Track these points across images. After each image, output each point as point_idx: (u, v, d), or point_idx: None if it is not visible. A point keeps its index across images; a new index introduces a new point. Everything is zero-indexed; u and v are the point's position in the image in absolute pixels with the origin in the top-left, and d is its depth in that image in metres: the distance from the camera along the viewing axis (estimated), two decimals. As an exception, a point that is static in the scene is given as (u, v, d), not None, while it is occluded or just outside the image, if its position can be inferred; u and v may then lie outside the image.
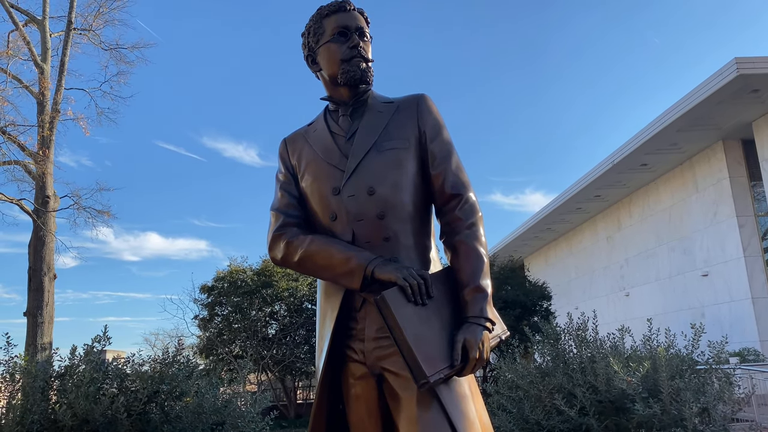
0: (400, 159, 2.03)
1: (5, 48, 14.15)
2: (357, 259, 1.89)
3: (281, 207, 2.13)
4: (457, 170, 2.05)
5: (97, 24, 15.63)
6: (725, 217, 15.35)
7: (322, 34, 2.15)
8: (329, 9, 2.15)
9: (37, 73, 14.04)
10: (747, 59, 11.70)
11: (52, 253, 12.99)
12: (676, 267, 17.60)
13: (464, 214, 1.98)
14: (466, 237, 1.95)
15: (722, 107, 13.19)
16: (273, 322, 14.66)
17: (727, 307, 15.41)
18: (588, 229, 23.37)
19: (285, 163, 2.21)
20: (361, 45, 2.11)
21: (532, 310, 13.23)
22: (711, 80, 12.41)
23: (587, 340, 5.86)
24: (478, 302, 1.84)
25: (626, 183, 18.57)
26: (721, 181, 15.49)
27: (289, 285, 14.41)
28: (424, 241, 2.06)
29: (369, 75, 2.13)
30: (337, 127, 2.14)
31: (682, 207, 17.23)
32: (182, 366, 5.69)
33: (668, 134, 14.54)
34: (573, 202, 20.48)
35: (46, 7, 14.67)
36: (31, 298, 12.52)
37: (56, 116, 13.72)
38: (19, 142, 13.03)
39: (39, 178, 13.14)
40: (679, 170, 17.23)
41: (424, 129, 2.08)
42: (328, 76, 2.15)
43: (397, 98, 2.19)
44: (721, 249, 15.54)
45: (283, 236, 2.06)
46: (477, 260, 1.91)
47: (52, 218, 13.21)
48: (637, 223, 19.71)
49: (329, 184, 2.04)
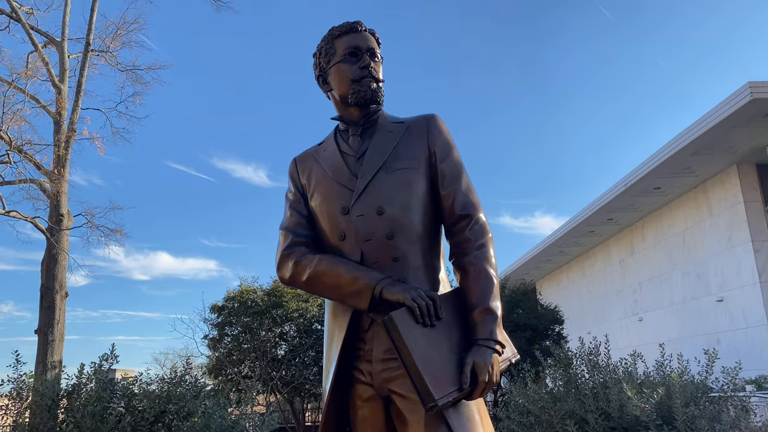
0: (409, 179, 2.02)
1: (24, 69, 14.40)
2: (365, 280, 1.87)
3: (290, 226, 2.12)
4: (467, 190, 2.04)
5: (115, 46, 15.89)
6: (740, 241, 15.17)
7: (333, 55, 2.16)
8: (340, 30, 2.16)
9: (54, 93, 14.26)
10: (760, 83, 11.65)
11: (64, 271, 13.06)
12: (690, 292, 17.37)
13: (474, 234, 1.97)
14: (475, 258, 1.93)
15: (736, 131, 13.11)
16: (282, 342, 14.59)
17: (742, 333, 15.15)
18: (601, 252, 23.18)
19: (295, 182, 2.21)
20: (372, 65, 2.12)
21: (543, 334, 13.08)
22: (724, 104, 12.36)
23: (599, 365, 5.77)
24: (488, 324, 1.81)
25: (639, 206, 18.45)
26: (735, 205, 15.34)
27: (299, 305, 14.36)
28: (433, 261, 2.04)
29: (379, 95, 2.13)
30: (347, 146, 2.14)
31: (696, 231, 17.06)
32: (190, 386, 5.66)
33: (682, 158, 14.46)
34: (585, 225, 20.35)
35: (66, 30, 14.95)
36: (43, 316, 12.57)
37: (72, 136, 13.89)
38: (35, 161, 13.18)
39: (54, 197, 13.26)
40: (693, 194, 17.10)
41: (434, 149, 2.08)
42: (338, 95, 2.15)
43: (408, 118, 2.19)
44: (737, 274, 15.33)
45: (291, 255, 2.05)
46: (487, 281, 1.88)
47: (66, 236, 13.31)
48: (651, 247, 19.52)
49: (338, 203, 2.03)
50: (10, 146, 12.57)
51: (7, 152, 12.68)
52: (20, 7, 14.65)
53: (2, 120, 12.30)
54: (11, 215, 12.76)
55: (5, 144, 12.63)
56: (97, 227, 14.50)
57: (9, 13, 14.49)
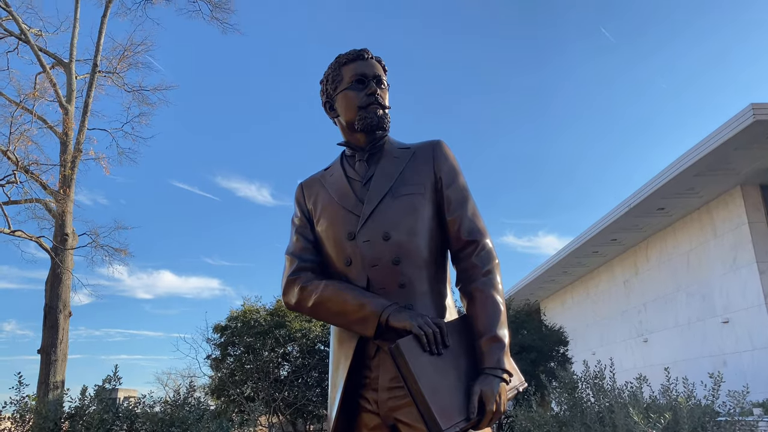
0: (415, 204, 2.02)
1: (32, 90, 14.55)
2: (371, 306, 1.87)
3: (296, 251, 2.13)
4: (473, 216, 2.04)
5: (122, 67, 16.06)
6: (745, 262, 15.10)
7: (340, 82, 2.18)
8: (347, 57, 2.19)
9: (61, 113, 14.39)
10: (763, 105, 11.68)
11: (68, 290, 13.06)
12: (696, 313, 17.26)
13: (481, 260, 1.97)
14: (482, 284, 1.92)
15: (739, 153, 13.12)
16: (285, 363, 14.50)
17: (749, 355, 15.02)
18: (605, 272, 23.08)
19: (301, 207, 2.21)
20: (379, 92, 2.14)
21: (548, 356, 12.99)
22: (727, 126, 12.39)
23: (605, 389, 5.73)
24: (495, 353, 1.80)
25: (643, 227, 18.41)
26: (740, 226, 15.30)
27: (302, 326, 14.30)
28: (439, 287, 2.03)
29: (386, 121, 2.15)
30: (354, 172, 2.14)
31: (701, 252, 17.00)
32: (193, 408, 5.62)
33: (685, 179, 14.46)
34: (589, 246, 20.29)
35: (74, 51, 15.12)
36: (46, 336, 12.54)
37: (78, 156, 13.99)
38: (41, 181, 13.26)
39: (59, 216, 13.31)
40: (697, 215, 17.07)
41: (440, 174, 2.08)
42: (345, 122, 2.17)
43: (414, 144, 2.20)
44: (742, 295, 15.23)
45: (297, 281, 2.05)
46: (494, 309, 1.88)
47: (70, 256, 13.33)
48: (655, 268, 19.44)
49: (345, 229, 2.03)
50: (17, 166, 12.66)
51: (14, 172, 12.76)
52: (29, 29, 14.86)
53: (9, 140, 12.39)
54: (16, 235, 12.80)
55: (12, 164, 12.71)
56: (101, 247, 14.54)
57: (18, 35, 14.68)
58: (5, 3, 14.04)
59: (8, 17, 14.44)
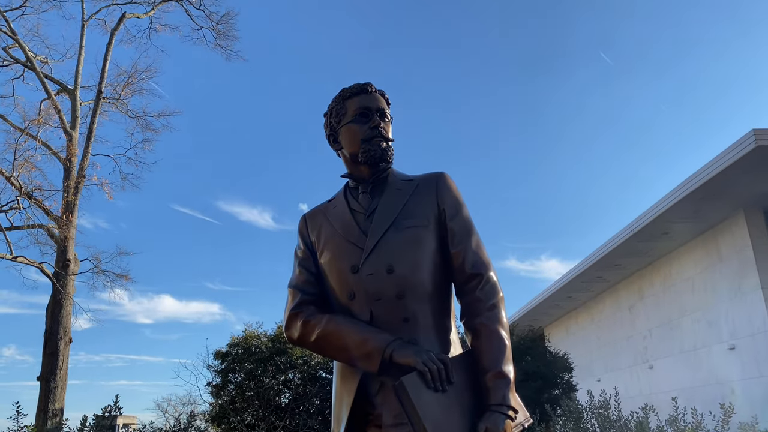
0: (419, 237, 2.01)
1: (37, 116, 14.68)
2: (375, 342, 1.84)
3: (299, 284, 2.11)
4: (477, 249, 2.03)
5: (126, 93, 16.22)
6: (750, 288, 14.99)
7: (344, 115, 2.18)
8: (351, 91, 2.20)
9: (65, 139, 14.49)
10: (765, 131, 11.71)
11: (69, 316, 13.01)
12: (701, 339, 17.10)
13: (485, 294, 1.95)
14: (487, 319, 1.90)
15: (742, 178, 13.12)
16: (286, 390, 14.36)
17: (756, 382, 14.83)
18: (609, 298, 22.94)
19: (304, 239, 2.20)
20: (382, 125, 2.15)
21: (553, 383, 12.83)
22: (729, 151, 12.41)
23: (611, 419, 5.65)
24: (501, 389, 1.77)
25: (647, 252, 18.33)
26: (744, 251, 15.23)
27: (303, 353, 14.17)
28: (444, 321, 2.01)
29: (389, 154, 2.15)
30: (357, 204, 2.14)
31: (706, 277, 16.89)
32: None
33: (688, 204, 14.44)
34: (593, 271, 20.20)
35: (78, 78, 15.29)
36: (46, 363, 12.46)
37: (81, 181, 14.05)
38: (43, 207, 13.30)
39: (61, 242, 13.32)
40: (701, 240, 17.00)
41: (443, 207, 2.08)
42: (349, 154, 2.17)
43: (417, 176, 2.20)
44: (748, 321, 15.10)
45: (299, 315, 2.03)
46: (499, 344, 1.85)
47: (72, 282, 13.31)
48: (660, 293, 19.32)
49: (348, 261, 2.02)
50: (20, 192, 12.71)
51: (17, 198, 12.81)
52: (35, 57, 15.04)
53: (13, 166, 12.46)
54: (18, 260, 12.80)
55: (15, 190, 12.77)
56: (103, 272, 14.52)
57: (24, 62, 14.86)
58: (12, 31, 14.24)
59: (15, 45, 14.64)
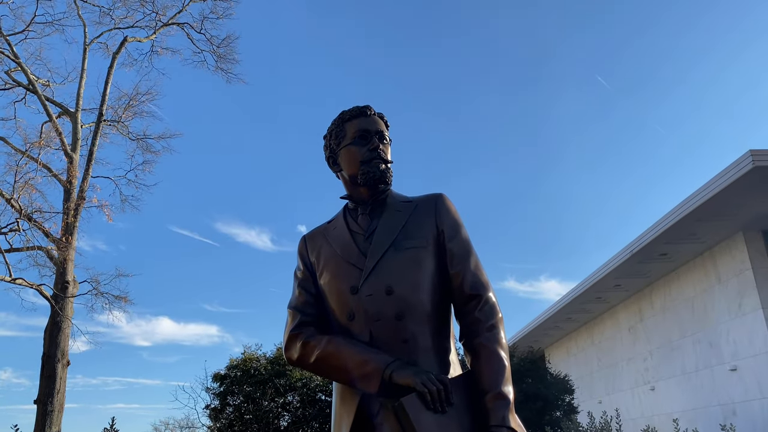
0: (419, 258, 2.02)
1: (38, 138, 14.76)
2: (374, 363, 1.85)
3: (298, 305, 2.12)
4: (476, 270, 2.04)
5: (127, 116, 16.33)
6: (750, 309, 14.95)
7: (343, 137, 2.21)
8: (350, 114, 2.23)
9: (66, 161, 14.55)
10: (762, 152, 11.78)
11: (67, 339, 12.94)
12: (703, 360, 17.00)
13: (484, 315, 1.96)
14: (486, 340, 1.91)
15: (739, 199, 13.15)
16: (285, 413, 14.23)
17: (758, 404, 14.72)
18: (609, 319, 22.85)
19: (304, 260, 2.22)
20: (381, 147, 2.17)
21: (554, 404, 12.74)
22: (726, 172, 12.46)
23: (613, 441, 5.60)
24: (500, 410, 1.77)
25: (646, 273, 18.31)
26: (744, 272, 15.22)
27: (302, 375, 14.09)
28: (443, 342, 2.02)
29: (388, 175, 2.17)
30: (357, 225, 2.15)
31: (706, 298, 16.86)
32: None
33: (686, 225, 14.46)
34: (593, 292, 20.15)
35: (80, 101, 15.40)
36: (43, 386, 12.36)
37: (81, 203, 14.08)
38: (43, 228, 13.30)
39: (60, 264, 13.30)
40: (701, 260, 17.00)
41: (442, 228, 2.09)
42: (348, 176, 2.19)
43: (416, 197, 2.22)
44: (749, 342, 15.03)
45: (299, 336, 2.04)
46: (498, 365, 1.86)
47: (70, 304, 13.26)
48: (660, 314, 19.26)
49: (347, 282, 2.03)
50: (20, 214, 12.72)
51: (17, 220, 12.81)
52: (37, 80, 15.17)
53: (14, 188, 12.49)
54: (17, 283, 12.76)
55: (15, 212, 12.78)
56: (102, 294, 14.47)
57: (26, 85, 14.99)
58: (15, 55, 14.38)
59: (17, 68, 14.77)
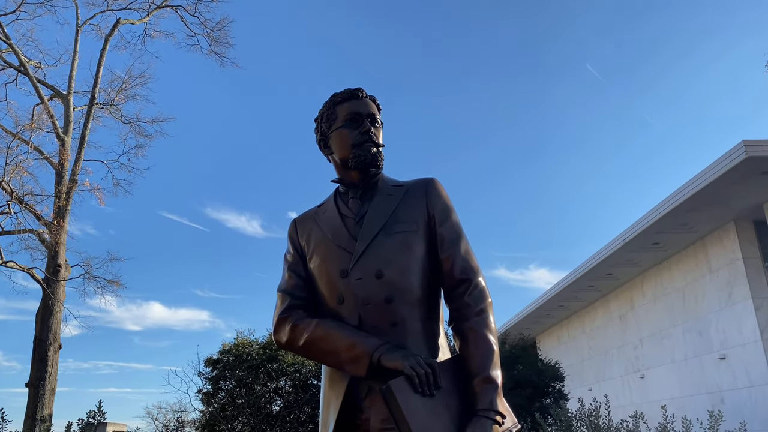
0: (408, 242, 2.02)
1: (30, 121, 14.62)
2: (363, 346, 1.85)
3: (288, 288, 2.12)
4: (466, 254, 2.04)
5: (119, 99, 16.20)
6: (740, 298, 15.08)
7: (334, 120, 2.20)
8: (342, 96, 2.21)
9: (58, 144, 14.44)
10: (755, 142, 11.80)
11: (59, 322, 12.92)
12: (692, 349, 17.16)
13: (473, 299, 1.96)
14: (475, 324, 1.91)
15: (731, 189, 13.20)
16: (278, 398, 14.28)
17: (746, 392, 14.89)
18: (601, 307, 23.01)
19: (294, 244, 2.21)
20: (372, 131, 2.16)
21: (544, 391, 12.82)
22: (719, 162, 12.49)
23: (601, 427, 5.65)
24: (488, 394, 1.78)
25: (638, 262, 18.41)
26: (734, 262, 15.32)
27: (294, 360, 14.12)
28: (432, 326, 2.02)
29: (379, 159, 2.16)
30: (347, 209, 2.15)
31: (696, 287, 16.98)
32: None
33: (678, 214, 14.52)
34: (585, 280, 20.26)
35: (72, 83, 15.25)
36: (35, 369, 12.35)
37: (73, 187, 14.00)
38: (35, 212, 13.22)
39: (52, 248, 13.24)
40: (692, 250, 17.10)
41: (433, 212, 2.09)
42: (339, 159, 2.18)
43: (407, 181, 2.21)
44: (738, 331, 15.17)
45: (288, 319, 2.04)
46: (487, 349, 1.86)
47: (62, 287, 13.22)
48: (651, 303, 19.40)
49: (337, 266, 2.02)
50: (11, 197, 12.64)
51: (8, 203, 12.73)
52: (29, 61, 15.00)
53: (5, 171, 12.40)
54: (8, 266, 12.72)
55: (6, 194, 12.70)
56: (94, 278, 14.43)
57: (17, 66, 14.82)
58: (6, 36, 14.21)
59: (8, 49, 14.60)
